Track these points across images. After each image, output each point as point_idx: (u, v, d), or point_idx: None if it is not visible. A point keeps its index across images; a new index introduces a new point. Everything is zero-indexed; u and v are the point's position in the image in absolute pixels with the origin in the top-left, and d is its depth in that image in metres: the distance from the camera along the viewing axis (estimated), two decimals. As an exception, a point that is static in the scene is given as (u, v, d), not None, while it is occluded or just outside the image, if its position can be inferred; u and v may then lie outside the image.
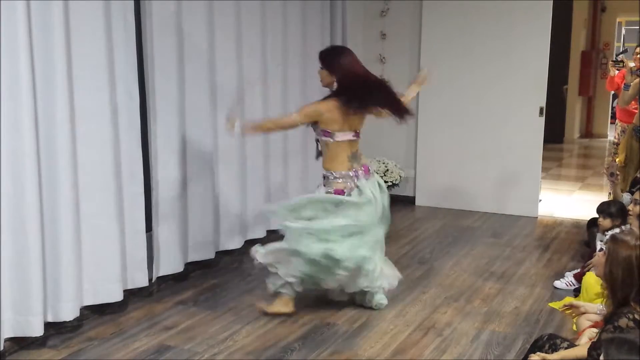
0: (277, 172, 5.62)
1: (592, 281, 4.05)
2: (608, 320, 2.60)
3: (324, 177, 4.09)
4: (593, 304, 3.48)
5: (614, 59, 6.78)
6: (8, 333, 3.53)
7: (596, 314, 3.25)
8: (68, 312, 3.75)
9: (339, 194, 3.99)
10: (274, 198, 5.43)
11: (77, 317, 3.84)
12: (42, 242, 3.59)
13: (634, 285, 2.52)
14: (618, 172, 5.08)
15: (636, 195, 4.29)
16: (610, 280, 2.60)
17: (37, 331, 3.58)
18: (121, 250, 4.11)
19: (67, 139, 3.66)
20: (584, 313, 3.34)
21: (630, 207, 4.30)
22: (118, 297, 4.09)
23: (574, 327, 3.70)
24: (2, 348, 3.48)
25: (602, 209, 4.67)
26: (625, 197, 5.30)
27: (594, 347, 2.57)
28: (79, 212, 3.82)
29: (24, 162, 3.44)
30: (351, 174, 4.02)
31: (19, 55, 3.37)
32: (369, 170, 4.15)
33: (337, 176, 4.02)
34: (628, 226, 4.34)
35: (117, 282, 4.07)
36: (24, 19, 3.37)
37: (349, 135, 4.02)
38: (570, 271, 4.79)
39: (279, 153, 5.63)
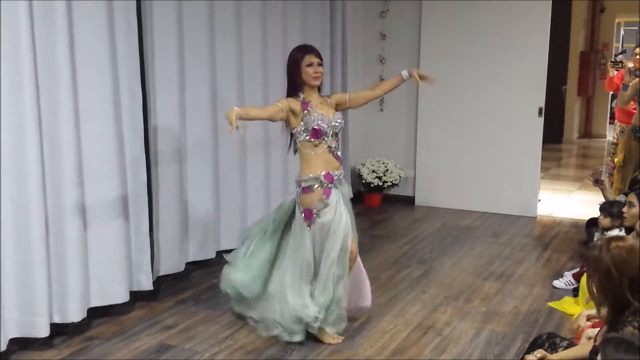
0: (277, 170, 5.63)
1: (590, 283, 4.03)
2: (612, 326, 2.56)
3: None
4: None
5: (613, 60, 6.80)
6: (13, 333, 3.54)
7: (596, 316, 3.24)
8: (75, 313, 3.76)
9: None
10: (275, 196, 5.44)
11: (78, 317, 3.86)
12: (47, 243, 3.59)
13: (623, 285, 2.49)
14: (603, 179, 5.08)
15: (630, 198, 4.27)
16: (599, 290, 2.57)
17: (43, 332, 3.59)
18: (127, 251, 4.12)
19: (71, 139, 3.67)
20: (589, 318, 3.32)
21: (624, 210, 4.29)
22: (124, 298, 4.09)
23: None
24: (4, 348, 3.49)
25: (605, 207, 4.65)
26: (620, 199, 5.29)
27: (595, 351, 2.56)
28: (84, 213, 3.83)
29: (27, 161, 3.45)
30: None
31: (22, 56, 3.38)
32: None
33: None
34: (620, 230, 4.35)
35: (124, 283, 4.07)
36: (26, 18, 3.38)
37: None
38: (569, 271, 4.81)
39: (279, 151, 5.63)
